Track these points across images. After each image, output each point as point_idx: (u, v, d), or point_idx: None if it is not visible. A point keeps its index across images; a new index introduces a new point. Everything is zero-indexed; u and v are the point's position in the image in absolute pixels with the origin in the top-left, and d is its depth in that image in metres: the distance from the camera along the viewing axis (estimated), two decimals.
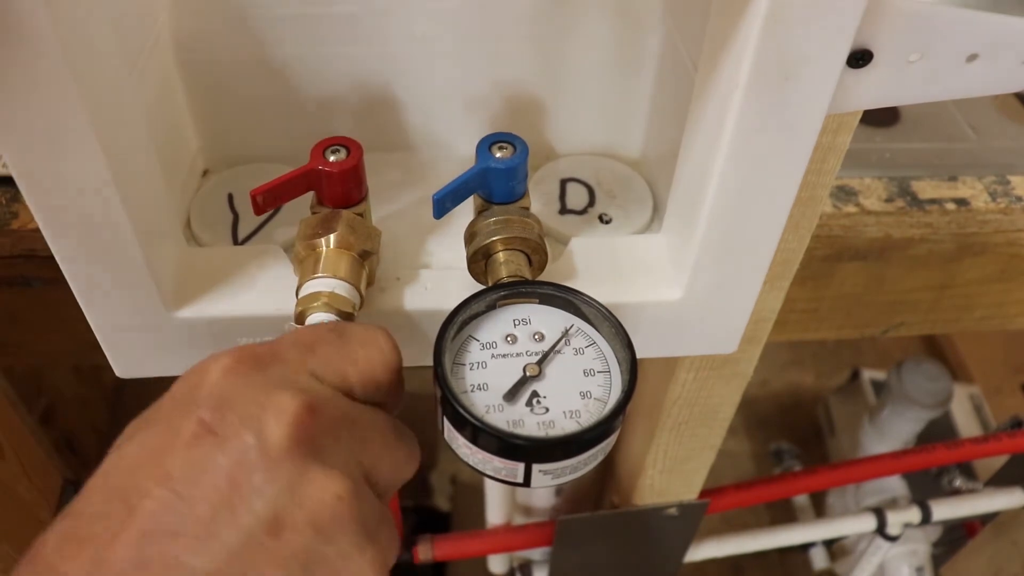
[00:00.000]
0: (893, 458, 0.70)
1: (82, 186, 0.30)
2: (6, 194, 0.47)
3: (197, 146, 0.44)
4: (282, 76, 0.42)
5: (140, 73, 0.36)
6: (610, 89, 0.44)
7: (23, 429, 0.60)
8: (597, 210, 0.43)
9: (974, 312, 0.60)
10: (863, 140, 0.57)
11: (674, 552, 0.65)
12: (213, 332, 0.37)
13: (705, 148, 0.33)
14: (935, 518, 0.77)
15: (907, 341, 1.38)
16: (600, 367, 0.32)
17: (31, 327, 0.55)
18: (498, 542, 0.68)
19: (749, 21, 0.28)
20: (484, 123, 0.44)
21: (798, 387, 1.37)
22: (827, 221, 0.51)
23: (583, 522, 0.61)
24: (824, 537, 0.81)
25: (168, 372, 0.39)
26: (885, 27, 0.29)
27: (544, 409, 0.30)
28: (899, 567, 0.95)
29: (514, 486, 0.30)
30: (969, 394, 1.14)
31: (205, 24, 0.40)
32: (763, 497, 0.67)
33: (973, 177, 0.54)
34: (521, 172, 0.36)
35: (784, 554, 1.11)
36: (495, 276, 0.35)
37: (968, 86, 0.31)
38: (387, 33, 0.40)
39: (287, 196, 0.35)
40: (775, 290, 0.40)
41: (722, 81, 0.31)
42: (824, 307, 0.58)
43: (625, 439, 0.60)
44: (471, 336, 0.32)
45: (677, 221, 0.38)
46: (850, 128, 0.33)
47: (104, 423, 1.14)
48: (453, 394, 0.29)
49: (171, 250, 0.37)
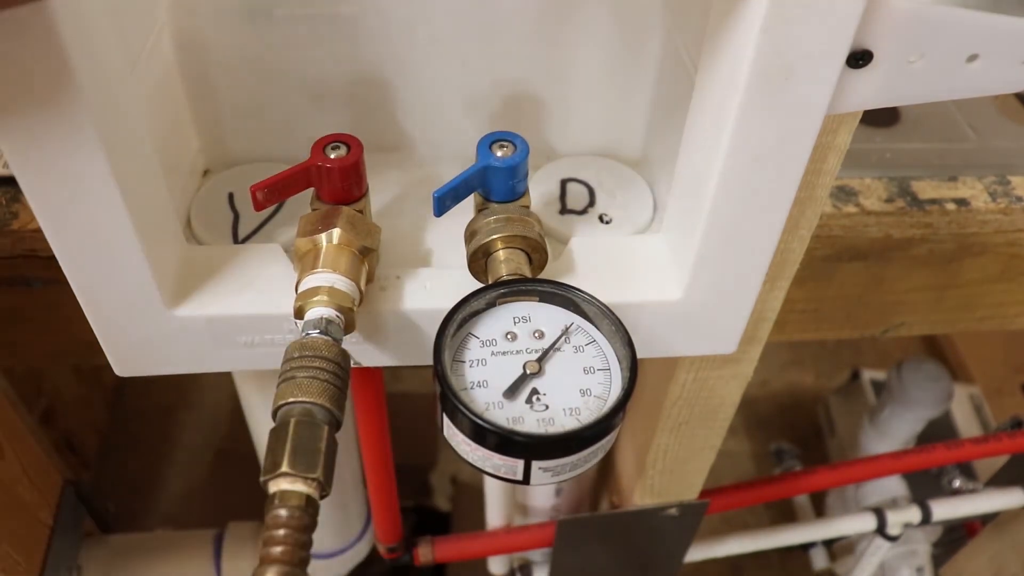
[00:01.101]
0: (893, 458, 0.70)
1: (83, 185, 0.30)
2: (6, 194, 0.47)
3: (197, 145, 0.44)
4: (282, 76, 0.42)
5: (140, 73, 0.37)
6: (610, 89, 0.44)
7: (23, 429, 0.60)
8: (597, 210, 0.43)
9: (974, 312, 0.60)
10: (863, 140, 0.57)
11: (674, 552, 0.65)
12: (213, 331, 0.37)
13: (705, 148, 0.33)
14: (935, 518, 0.77)
15: (907, 341, 1.38)
16: (600, 365, 0.32)
17: (31, 327, 0.55)
18: (498, 543, 0.68)
19: (748, 21, 0.28)
20: (484, 123, 0.44)
21: (798, 387, 1.37)
22: (827, 221, 0.51)
23: (583, 522, 0.61)
24: (824, 537, 0.81)
25: (168, 371, 0.39)
26: (885, 27, 0.29)
27: (544, 406, 0.30)
28: (899, 567, 0.95)
29: (514, 484, 0.30)
30: (969, 394, 1.14)
31: (205, 24, 0.40)
32: (763, 497, 0.67)
33: (973, 177, 0.54)
34: (521, 171, 0.36)
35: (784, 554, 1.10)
36: (495, 274, 0.35)
37: (968, 86, 0.31)
38: (387, 33, 0.40)
39: (287, 192, 0.35)
40: (775, 290, 0.40)
41: (722, 81, 0.31)
42: (824, 307, 0.58)
43: (625, 439, 0.60)
44: (471, 333, 0.32)
45: (677, 221, 0.38)
46: (850, 128, 0.33)
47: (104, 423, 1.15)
48: (453, 391, 0.30)
49: (171, 249, 0.37)
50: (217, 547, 0.73)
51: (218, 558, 0.73)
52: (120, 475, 1.13)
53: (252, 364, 0.39)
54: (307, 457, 0.28)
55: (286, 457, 0.28)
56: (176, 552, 0.74)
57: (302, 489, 0.28)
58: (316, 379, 0.30)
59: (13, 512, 0.57)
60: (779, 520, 0.80)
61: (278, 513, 0.27)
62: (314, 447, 0.28)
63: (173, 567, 0.73)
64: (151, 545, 0.74)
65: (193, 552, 0.74)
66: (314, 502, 0.28)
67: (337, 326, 0.32)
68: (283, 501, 0.27)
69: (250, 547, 0.73)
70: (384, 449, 0.55)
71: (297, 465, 0.28)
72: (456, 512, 1.12)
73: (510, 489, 0.66)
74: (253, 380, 0.58)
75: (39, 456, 0.61)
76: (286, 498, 0.27)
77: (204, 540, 0.74)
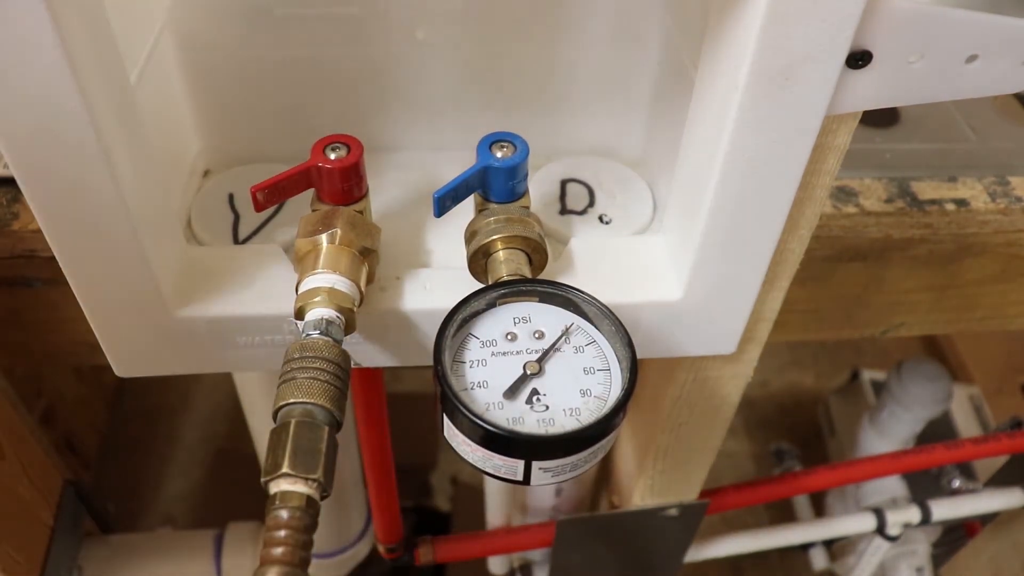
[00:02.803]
0: (893, 458, 0.70)
1: (84, 186, 0.30)
2: (7, 195, 0.47)
3: (198, 146, 0.44)
4: (283, 76, 0.42)
5: (141, 73, 0.37)
6: (610, 89, 0.44)
7: (23, 429, 0.60)
8: (597, 210, 0.43)
9: (974, 312, 0.60)
10: (863, 140, 0.57)
11: (674, 552, 0.65)
12: (213, 331, 0.37)
13: (704, 148, 0.33)
14: (935, 518, 0.77)
15: (907, 341, 1.38)
16: (600, 365, 0.32)
17: (31, 327, 0.55)
18: (498, 543, 0.68)
19: (748, 21, 0.28)
20: (484, 123, 0.44)
21: (798, 387, 1.37)
22: (827, 222, 0.51)
23: (583, 522, 0.61)
24: (824, 537, 0.81)
25: (168, 371, 0.39)
26: (885, 28, 0.29)
27: (544, 407, 0.30)
28: (899, 567, 0.95)
29: (514, 484, 0.30)
30: (969, 394, 1.14)
31: (205, 24, 0.40)
32: (763, 497, 0.67)
33: (973, 178, 0.54)
34: (521, 171, 0.36)
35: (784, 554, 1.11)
36: (495, 275, 0.35)
37: (968, 86, 0.31)
38: (387, 33, 0.40)
39: (287, 193, 0.35)
40: (775, 290, 0.40)
41: (721, 81, 0.31)
42: (824, 307, 0.58)
43: (625, 439, 0.60)
44: (471, 334, 0.32)
45: (676, 221, 0.38)
46: (850, 128, 0.33)
47: (104, 423, 1.15)
48: (453, 392, 0.30)
49: (172, 250, 0.37)
50: (217, 547, 0.73)
51: (218, 558, 0.73)
52: (120, 475, 1.13)
53: (252, 365, 0.39)
54: (308, 458, 0.28)
55: (287, 458, 0.28)
56: (176, 552, 0.74)
57: (303, 490, 0.28)
58: (317, 380, 0.30)
59: (13, 512, 0.57)
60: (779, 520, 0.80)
61: (279, 514, 0.27)
62: (315, 448, 0.28)
63: (173, 567, 0.73)
64: (151, 545, 0.74)
65: (193, 552, 0.74)
66: (315, 503, 0.28)
67: (337, 327, 0.32)
68: (284, 502, 0.27)
69: (250, 547, 0.73)
70: (384, 449, 0.55)
71: (298, 466, 0.28)
72: (456, 512, 1.12)
73: (510, 489, 0.67)
74: (253, 380, 0.58)
75: (39, 456, 0.61)
76: (287, 499, 0.27)
77: (204, 540, 0.74)
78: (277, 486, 0.28)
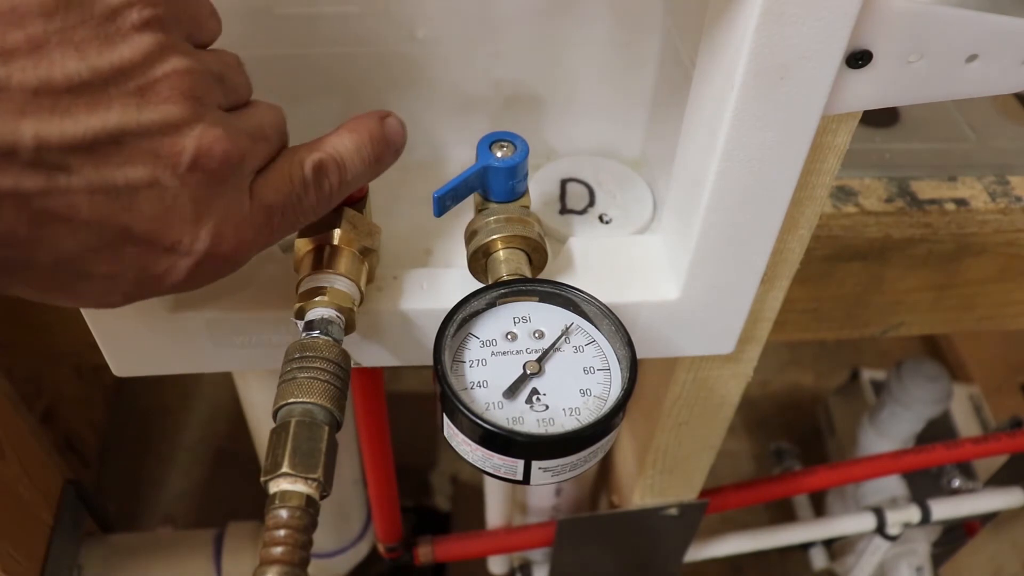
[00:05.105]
0: (893, 458, 0.70)
1: None
2: None
3: None
4: (282, 76, 0.42)
5: None
6: (610, 89, 0.44)
7: (23, 429, 0.60)
8: (597, 210, 0.43)
9: (974, 312, 0.60)
10: (863, 140, 0.57)
11: (674, 552, 0.65)
12: (211, 331, 0.37)
13: (701, 148, 0.33)
14: (935, 518, 0.77)
15: (907, 341, 1.38)
16: (600, 365, 0.32)
17: (31, 327, 0.55)
18: (498, 543, 0.68)
19: (743, 20, 0.28)
20: (484, 123, 0.44)
21: (798, 387, 1.37)
22: (827, 221, 0.51)
23: (583, 522, 0.61)
24: (824, 537, 0.81)
25: (166, 371, 0.39)
26: (884, 27, 0.29)
27: (544, 406, 0.30)
28: (899, 567, 0.95)
29: (514, 484, 0.30)
30: (969, 394, 1.14)
31: None
32: (763, 497, 0.67)
33: (973, 177, 0.54)
34: (521, 171, 0.36)
35: (784, 554, 1.11)
36: (495, 274, 0.35)
37: (968, 86, 0.31)
38: (387, 33, 0.40)
39: None
40: (774, 290, 0.40)
41: (718, 80, 0.31)
42: (824, 307, 0.58)
43: (625, 439, 0.60)
44: (471, 333, 0.32)
45: (674, 221, 0.38)
46: (850, 128, 0.33)
47: (104, 423, 1.14)
48: (453, 391, 0.30)
49: None
50: (217, 547, 0.73)
51: (218, 558, 0.73)
52: (120, 475, 1.13)
53: (252, 364, 0.39)
54: (308, 457, 0.28)
55: (287, 457, 0.28)
56: (176, 552, 0.74)
57: (303, 489, 0.28)
58: (317, 379, 0.30)
59: (13, 512, 0.57)
60: (779, 520, 0.80)
61: (279, 513, 0.27)
62: (315, 447, 0.28)
63: (173, 567, 0.73)
64: (151, 545, 0.74)
65: (193, 552, 0.74)
66: (314, 502, 0.28)
67: (337, 326, 0.32)
68: (284, 501, 0.27)
69: (250, 547, 0.73)
70: (384, 449, 0.55)
71: (298, 465, 0.28)
72: (456, 512, 1.12)
73: (510, 489, 0.67)
74: (253, 380, 0.58)
75: (39, 456, 0.62)
76: (287, 498, 0.27)
77: (204, 540, 0.74)
78: (277, 485, 0.28)
